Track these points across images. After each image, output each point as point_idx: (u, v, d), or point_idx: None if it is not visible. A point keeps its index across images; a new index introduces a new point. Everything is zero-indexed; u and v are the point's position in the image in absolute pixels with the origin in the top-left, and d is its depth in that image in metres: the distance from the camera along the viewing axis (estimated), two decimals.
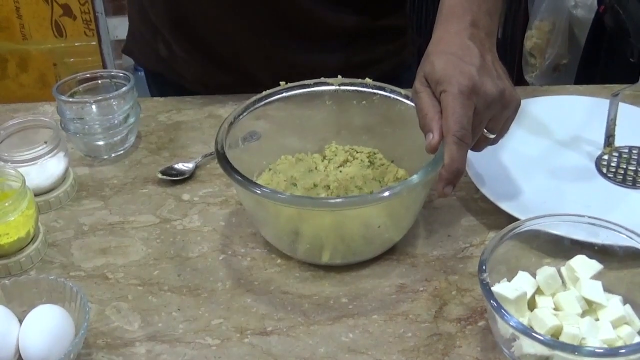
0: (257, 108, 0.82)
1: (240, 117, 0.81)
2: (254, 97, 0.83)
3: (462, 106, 0.70)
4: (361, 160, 0.84)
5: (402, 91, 0.82)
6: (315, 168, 0.83)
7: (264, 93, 0.83)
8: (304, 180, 0.80)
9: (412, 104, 0.80)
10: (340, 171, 0.82)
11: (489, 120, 0.74)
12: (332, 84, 0.84)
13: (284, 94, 0.83)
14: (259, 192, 0.69)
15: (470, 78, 0.71)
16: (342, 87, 0.84)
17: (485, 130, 0.75)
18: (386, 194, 0.68)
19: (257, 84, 0.87)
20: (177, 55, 1.10)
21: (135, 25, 1.17)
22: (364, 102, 0.84)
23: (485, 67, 0.73)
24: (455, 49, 0.74)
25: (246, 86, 1.00)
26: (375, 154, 0.85)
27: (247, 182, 0.70)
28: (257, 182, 0.75)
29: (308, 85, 0.84)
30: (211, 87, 1.11)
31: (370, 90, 0.83)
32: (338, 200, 0.73)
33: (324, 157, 0.85)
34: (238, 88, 1.06)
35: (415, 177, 0.69)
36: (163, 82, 1.17)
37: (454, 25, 0.77)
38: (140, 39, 1.15)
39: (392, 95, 0.83)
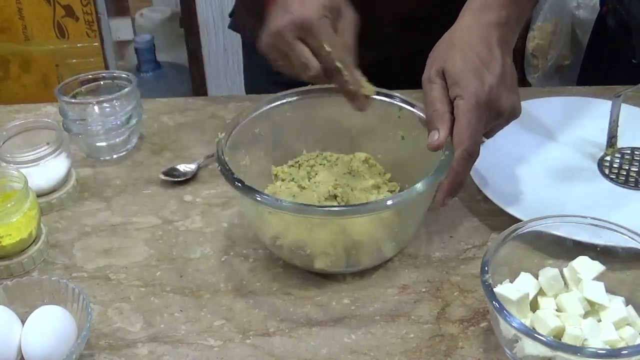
0: (259, 111, 0.82)
1: (243, 120, 0.80)
2: (257, 101, 0.83)
3: (477, 120, 0.70)
4: (328, 160, 0.85)
5: (400, 95, 0.82)
6: (307, 183, 0.83)
7: (266, 97, 0.83)
8: (307, 194, 0.80)
9: (410, 108, 0.80)
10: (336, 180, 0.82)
11: (490, 129, 0.75)
12: (334, 89, 0.84)
13: (287, 99, 0.83)
14: (260, 199, 0.69)
15: (489, 91, 0.71)
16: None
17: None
18: (390, 202, 0.69)
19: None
20: None
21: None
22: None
23: (503, 78, 0.72)
24: (481, 48, 0.73)
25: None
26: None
27: (252, 191, 0.69)
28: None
29: (310, 91, 0.84)
30: None
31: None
32: (343, 208, 0.74)
33: (308, 174, 0.85)
34: None
35: (420, 185, 0.69)
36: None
37: (486, 16, 0.75)
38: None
39: (390, 100, 0.82)
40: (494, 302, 0.61)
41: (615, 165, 0.89)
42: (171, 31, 2.71)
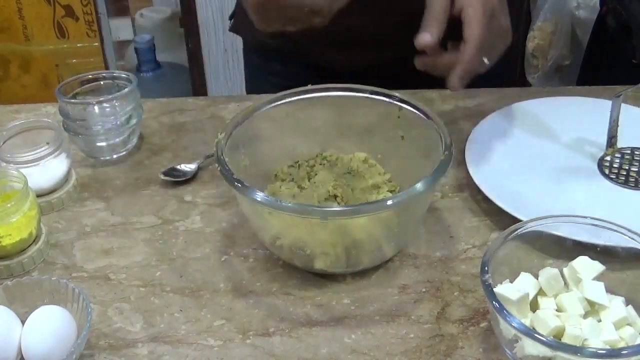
0: (259, 111, 0.82)
1: (243, 120, 0.80)
2: (257, 101, 0.83)
3: (485, 24, 0.74)
4: (327, 160, 0.85)
5: (400, 95, 0.82)
6: (306, 183, 0.82)
7: (266, 97, 0.83)
8: (307, 195, 0.80)
9: (410, 108, 0.80)
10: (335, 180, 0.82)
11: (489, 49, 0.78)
12: (334, 89, 0.84)
13: (287, 99, 0.83)
14: (260, 199, 0.69)
15: (492, 7, 0.75)
16: (344, 93, 0.84)
17: (484, 58, 0.78)
18: (390, 202, 0.69)
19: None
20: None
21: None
22: (364, 106, 0.84)
23: (502, 1, 0.77)
24: None
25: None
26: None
27: (252, 191, 0.69)
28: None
29: (310, 91, 0.83)
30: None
31: (371, 95, 0.83)
32: (343, 208, 0.74)
33: (308, 173, 0.85)
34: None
35: (420, 185, 0.69)
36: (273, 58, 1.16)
37: None
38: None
39: (390, 100, 0.82)
40: (494, 302, 0.61)
41: (615, 165, 0.89)
42: (171, 31, 2.71)
